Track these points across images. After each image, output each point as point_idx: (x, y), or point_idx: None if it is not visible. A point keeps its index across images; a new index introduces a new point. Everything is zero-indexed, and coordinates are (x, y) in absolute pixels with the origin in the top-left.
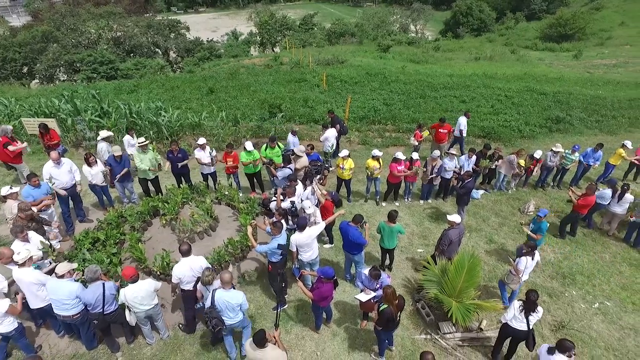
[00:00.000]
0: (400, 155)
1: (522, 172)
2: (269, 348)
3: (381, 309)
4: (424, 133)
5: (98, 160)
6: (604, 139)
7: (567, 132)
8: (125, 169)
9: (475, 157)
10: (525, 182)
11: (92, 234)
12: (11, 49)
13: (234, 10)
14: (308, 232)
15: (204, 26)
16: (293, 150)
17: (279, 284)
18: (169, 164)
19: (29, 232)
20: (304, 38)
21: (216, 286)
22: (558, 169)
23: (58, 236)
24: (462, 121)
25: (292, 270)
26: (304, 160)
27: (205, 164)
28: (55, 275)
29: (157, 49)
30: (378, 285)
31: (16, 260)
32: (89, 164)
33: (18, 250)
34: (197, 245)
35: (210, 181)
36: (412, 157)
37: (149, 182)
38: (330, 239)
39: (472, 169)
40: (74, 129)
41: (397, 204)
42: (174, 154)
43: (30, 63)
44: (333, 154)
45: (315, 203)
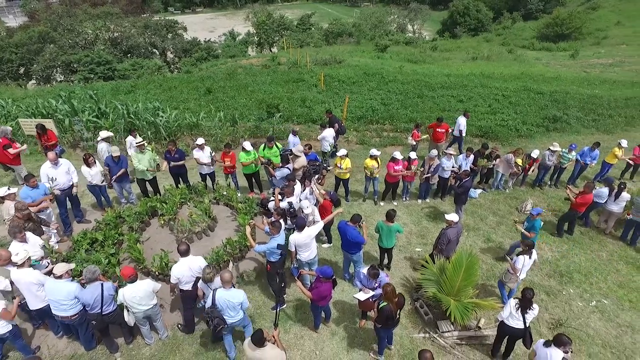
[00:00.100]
0: (397, 154)
1: (520, 171)
2: (268, 347)
3: (381, 306)
4: (424, 137)
5: (97, 161)
6: (601, 138)
7: (564, 131)
8: (123, 170)
9: (473, 157)
10: (522, 181)
11: (90, 234)
12: (8, 49)
13: (232, 11)
14: (307, 232)
15: (202, 26)
16: (291, 150)
17: (278, 283)
18: (166, 163)
19: (26, 233)
20: (301, 38)
21: (216, 285)
22: (556, 168)
23: (56, 236)
24: (462, 121)
25: (291, 270)
26: (302, 160)
27: (205, 164)
28: (53, 276)
29: (155, 50)
30: (377, 285)
31: (15, 261)
32: (88, 165)
33: (16, 251)
34: (196, 246)
35: (208, 181)
36: (410, 157)
37: (146, 183)
38: (329, 239)
39: (470, 168)
40: (71, 130)
41: (395, 203)
42: (171, 154)
43: (27, 64)
44: (332, 153)
45: (314, 203)
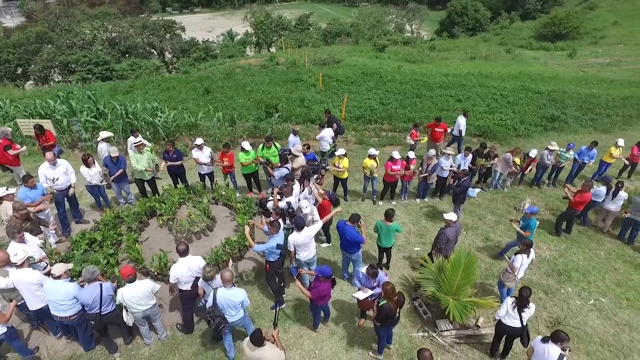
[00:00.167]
0: (396, 154)
1: (518, 171)
2: (267, 347)
3: (381, 304)
4: (422, 141)
5: (96, 161)
6: (599, 137)
7: (562, 131)
8: (121, 170)
9: (471, 156)
10: (520, 181)
11: (89, 235)
12: (5, 50)
13: (230, 11)
14: (306, 232)
15: (200, 26)
16: (290, 150)
17: (277, 283)
18: (164, 163)
19: (25, 234)
20: (299, 38)
21: (217, 283)
22: (554, 167)
23: (55, 237)
24: (462, 121)
25: (290, 270)
26: (301, 160)
27: (204, 164)
28: (52, 276)
29: (153, 50)
30: (375, 284)
31: (14, 262)
32: (87, 165)
33: (15, 251)
34: (195, 246)
35: (207, 181)
36: (409, 156)
37: (145, 183)
38: (328, 238)
39: (469, 167)
40: (69, 130)
41: (394, 202)
42: (169, 154)
43: (24, 64)
44: (331, 153)
45: (313, 202)
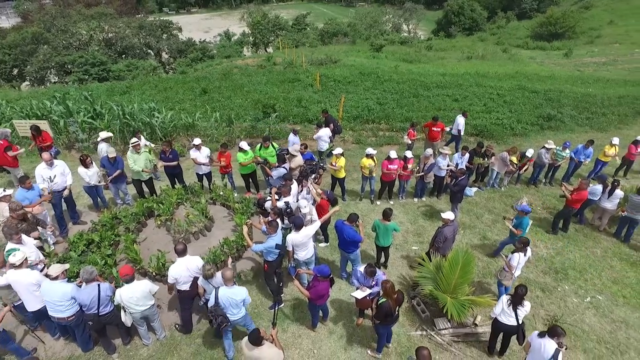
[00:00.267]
0: (393, 154)
1: (515, 169)
2: (265, 346)
3: (380, 302)
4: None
5: (93, 162)
6: (595, 135)
7: (559, 130)
8: (119, 171)
9: (468, 155)
10: (517, 179)
11: (87, 235)
12: (1, 50)
13: (226, 11)
14: (304, 232)
15: (196, 27)
16: (288, 150)
17: (276, 283)
18: (161, 163)
19: (22, 235)
20: (296, 38)
21: (217, 281)
22: (550, 166)
23: (52, 238)
24: (461, 120)
25: (288, 269)
26: (299, 160)
27: (203, 164)
28: (49, 277)
29: (149, 50)
30: (374, 283)
31: (12, 262)
32: (85, 165)
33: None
34: (193, 246)
35: (205, 181)
36: (406, 156)
37: (142, 184)
38: (326, 238)
39: (466, 166)
40: (66, 131)
41: (392, 202)
42: (165, 155)
43: (20, 65)
44: (329, 152)
45: (311, 202)
